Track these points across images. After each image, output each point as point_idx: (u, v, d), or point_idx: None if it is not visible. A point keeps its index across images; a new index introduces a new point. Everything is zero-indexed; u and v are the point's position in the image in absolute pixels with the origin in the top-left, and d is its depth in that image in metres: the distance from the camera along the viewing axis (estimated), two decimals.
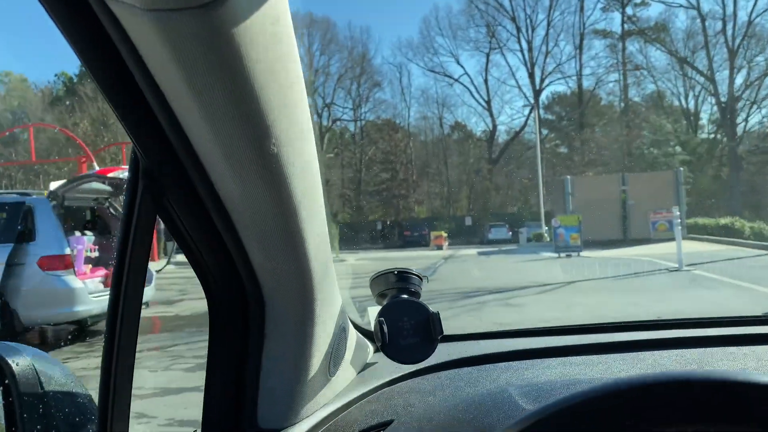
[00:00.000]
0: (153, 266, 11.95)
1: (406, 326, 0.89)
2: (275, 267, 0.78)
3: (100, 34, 0.57)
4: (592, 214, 21.09)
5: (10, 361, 0.80)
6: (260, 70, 0.55)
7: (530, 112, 45.00)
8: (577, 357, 1.12)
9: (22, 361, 0.82)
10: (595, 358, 1.11)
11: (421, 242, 33.23)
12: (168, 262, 14.68)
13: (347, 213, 43.95)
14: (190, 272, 0.79)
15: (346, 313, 1.03)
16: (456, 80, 48.40)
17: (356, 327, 1.16)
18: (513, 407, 0.84)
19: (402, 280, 0.97)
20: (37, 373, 0.81)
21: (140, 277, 0.69)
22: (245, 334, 0.85)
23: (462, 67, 61.28)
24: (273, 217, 0.70)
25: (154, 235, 0.87)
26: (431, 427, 0.85)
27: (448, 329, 1.00)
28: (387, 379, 1.07)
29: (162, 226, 0.74)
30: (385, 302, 0.94)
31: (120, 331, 0.68)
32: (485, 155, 46.99)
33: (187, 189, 0.71)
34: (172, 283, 12.71)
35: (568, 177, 25.71)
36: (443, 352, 1.13)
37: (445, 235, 28.48)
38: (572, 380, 0.96)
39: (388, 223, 41.57)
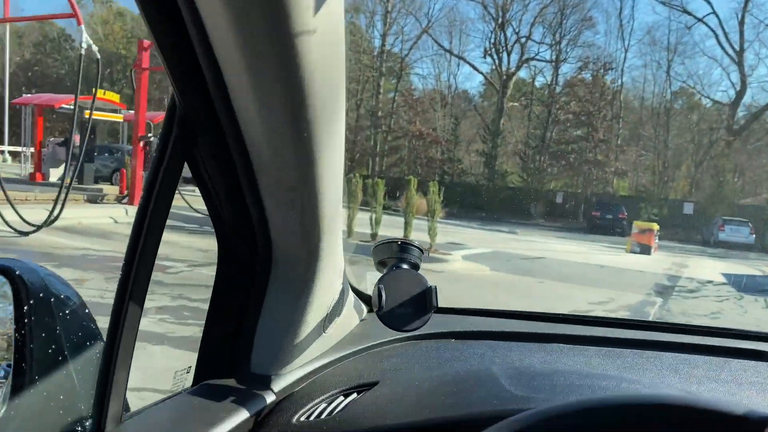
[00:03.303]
0: None
1: (404, 295, 0.90)
2: (287, 227, 0.82)
3: None
4: None
5: (24, 278, 0.83)
6: (310, 41, 0.58)
7: None
8: (560, 345, 1.13)
9: (35, 278, 0.84)
10: (578, 348, 1.12)
11: (615, 229, 23.37)
12: (40, 227, 8.54)
13: (520, 176, 34.76)
14: None
15: (346, 277, 1.08)
16: (699, 20, 35.39)
17: (354, 290, 1.21)
18: (497, 387, 0.85)
19: (403, 250, 0.96)
20: (48, 291, 0.84)
21: (162, 219, 0.71)
22: (249, 285, 0.90)
23: (709, 3, 46.17)
24: (296, 179, 0.73)
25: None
26: (414, 394, 0.87)
27: None
28: (377, 341, 1.13)
29: None
30: (385, 270, 0.95)
31: (137, 268, 0.70)
32: (724, 123, 34.06)
33: (217, 140, 0.74)
34: None
35: None
36: (434, 323, 1.13)
37: (656, 228, 17.21)
38: (551, 369, 0.97)
39: (573, 195, 31.85)
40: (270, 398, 0.87)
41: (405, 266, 0.95)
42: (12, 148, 26.90)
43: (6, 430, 0.78)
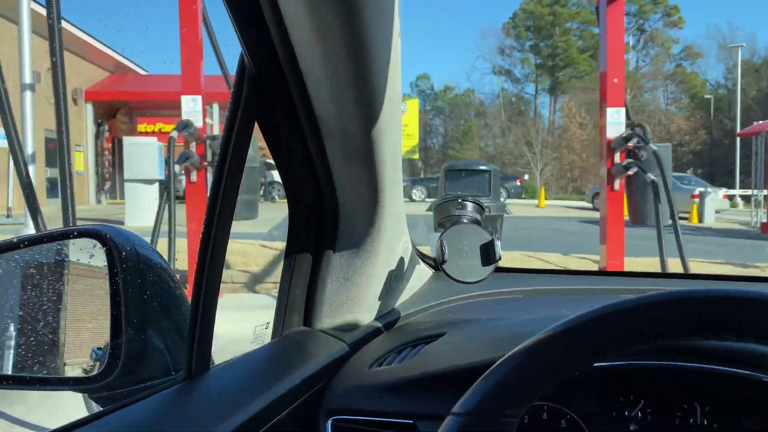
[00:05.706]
0: None
1: (466, 248, 0.92)
2: (349, 187, 0.88)
3: None
4: None
5: (117, 242, 0.90)
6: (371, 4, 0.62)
7: None
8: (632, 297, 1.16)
9: (125, 241, 0.91)
10: None
11: None
12: None
13: None
14: None
15: (409, 239, 1.12)
16: None
17: (418, 253, 1.26)
18: None
19: (463, 207, 0.99)
20: (137, 253, 0.91)
21: (237, 178, 0.75)
22: (318, 245, 0.95)
23: None
24: (353, 130, 0.77)
25: None
26: (481, 339, 0.89)
27: None
28: (441, 300, 1.15)
29: None
30: (446, 227, 0.98)
31: (216, 223, 0.74)
32: None
33: (285, 98, 0.78)
34: None
35: None
36: (501, 282, 1.22)
37: None
38: None
39: None
40: (343, 351, 0.92)
41: (466, 221, 0.95)
42: (742, 192, 21.22)
43: (108, 378, 0.85)
